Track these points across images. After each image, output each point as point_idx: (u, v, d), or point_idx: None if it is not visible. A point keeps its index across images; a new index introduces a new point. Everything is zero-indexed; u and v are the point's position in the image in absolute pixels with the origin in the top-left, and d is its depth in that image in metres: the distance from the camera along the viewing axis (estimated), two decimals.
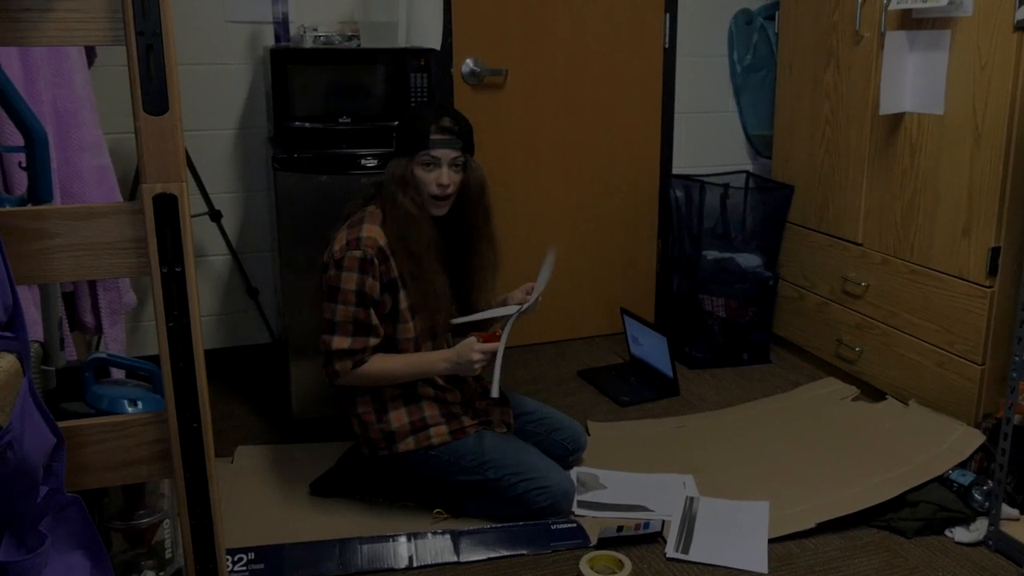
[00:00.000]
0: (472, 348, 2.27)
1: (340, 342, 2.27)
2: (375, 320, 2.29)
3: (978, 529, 2.32)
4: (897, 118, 2.97)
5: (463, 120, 2.36)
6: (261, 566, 2.18)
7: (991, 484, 2.32)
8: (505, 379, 3.31)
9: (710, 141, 3.90)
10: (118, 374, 2.06)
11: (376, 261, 2.26)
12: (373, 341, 2.29)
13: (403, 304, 2.33)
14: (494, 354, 2.27)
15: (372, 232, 2.28)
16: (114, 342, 2.50)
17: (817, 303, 3.43)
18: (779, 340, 3.65)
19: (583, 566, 2.17)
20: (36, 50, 2.11)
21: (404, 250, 2.30)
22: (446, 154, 2.30)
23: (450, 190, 2.32)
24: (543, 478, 2.37)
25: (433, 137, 2.28)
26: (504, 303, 2.46)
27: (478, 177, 2.40)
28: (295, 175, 2.75)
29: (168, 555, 1.90)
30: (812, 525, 2.34)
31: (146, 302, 3.16)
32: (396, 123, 2.44)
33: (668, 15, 3.71)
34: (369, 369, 2.30)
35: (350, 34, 2.99)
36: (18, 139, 1.75)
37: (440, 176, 2.30)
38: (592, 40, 3.62)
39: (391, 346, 2.36)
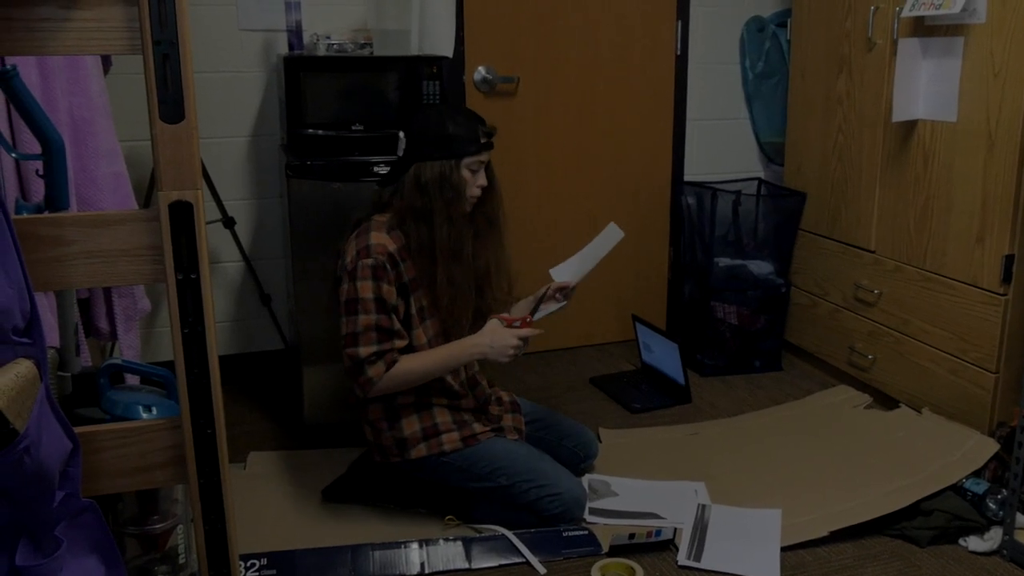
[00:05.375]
0: (509, 333, 2.28)
1: (367, 350, 2.25)
2: (397, 325, 2.28)
3: (992, 538, 2.30)
4: (910, 125, 2.96)
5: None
6: (273, 572, 2.19)
7: (1005, 493, 2.31)
8: (516, 386, 3.33)
9: (722, 148, 3.90)
10: (133, 380, 2.08)
11: (388, 267, 2.27)
12: (399, 343, 2.29)
13: (413, 309, 2.34)
14: (528, 333, 2.28)
15: (380, 239, 2.29)
16: (129, 348, 2.51)
17: (830, 310, 3.42)
18: (791, 347, 3.64)
19: (595, 573, 2.16)
20: (53, 59, 2.13)
21: (452, 254, 2.30)
22: (487, 157, 2.37)
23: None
24: (555, 485, 2.37)
25: (483, 141, 2.34)
26: (542, 297, 2.46)
27: (494, 172, 2.45)
28: (308, 182, 2.76)
29: (182, 560, 1.91)
30: (825, 533, 2.33)
31: (160, 308, 3.18)
32: (412, 127, 2.42)
33: (680, 22, 3.71)
34: (400, 368, 2.27)
35: (363, 42, 3.00)
36: (35, 147, 1.77)
37: (481, 178, 2.35)
38: (604, 47, 3.62)
39: (404, 351, 2.35)
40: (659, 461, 2.76)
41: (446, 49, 3.05)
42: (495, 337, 2.29)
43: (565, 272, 2.50)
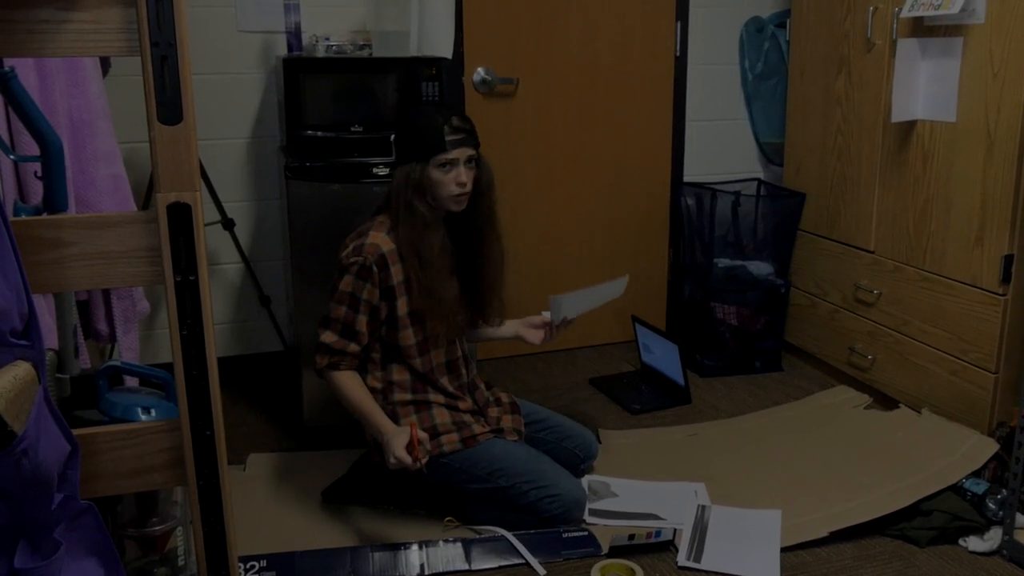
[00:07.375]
0: (394, 451, 2.12)
1: (327, 337, 2.33)
2: (361, 327, 2.31)
3: (992, 538, 2.30)
4: (909, 125, 2.96)
5: (468, 118, 2.37)
6: (273, 573, 2.19)
7: (1005, 493, 2.31)
8: (516, 387, 3.33)
9: (721, 149, 3.90)
10: (132, 382, 2.08)
11: (375, 268, 2.28)
12: (353, 347, 2.31)
13: (401, 311, 2.34)
14: (408, 464, 2.11)
15: (376, 239, 2.30)
16: (128, 350, 2.51)
17: (829, 311, 3.42)
18: (791, 348, 3.64)
19: (595, 574, 2.16)
20: (52, 61, 2.13)
21: (415, 256, 2.31)
22: (462, 152, 2.31)
23: (468, 187, 2.34)
24: (554, 486, 2.37)
25: (448, 138, 2.29)
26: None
27: (488, 172, 2.42)
28: (307, 183, 2.77)
29: (181, 562, 1.91)
30: (825, 534, 2.33)
31: (159, 310, 3.18)
32: (396, 129, 2.45)
33: (679, 23, 3.71)
34: (337, 379, 2.32)
35: (362, 43, 3.00)
36: (34, 149, 1.77)
37: (459, 175, 2.31)
38: (603, 48, 3.62)
39: (394, 352, 2.38)
40: (659, 462, 2.76)
41: (445, 51, 3.05)
42: (389, 443, 2.15)
43: (564, 302, 2.48)
